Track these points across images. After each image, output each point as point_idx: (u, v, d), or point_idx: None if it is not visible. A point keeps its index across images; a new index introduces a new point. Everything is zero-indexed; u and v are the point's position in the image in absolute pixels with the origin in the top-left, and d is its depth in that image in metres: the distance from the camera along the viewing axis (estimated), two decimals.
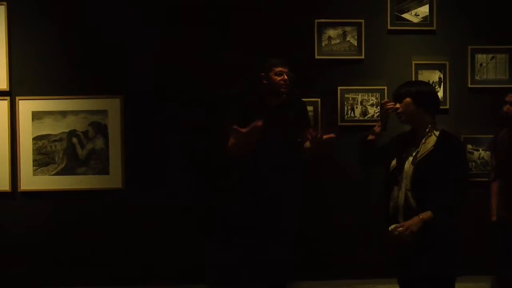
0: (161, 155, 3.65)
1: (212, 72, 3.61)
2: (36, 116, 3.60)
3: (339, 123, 3.73)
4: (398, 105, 2.26)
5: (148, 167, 3.65)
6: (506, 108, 2.91)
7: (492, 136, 3.43)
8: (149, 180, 3.65)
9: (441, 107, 2.65)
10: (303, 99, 3.35)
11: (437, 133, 2.22)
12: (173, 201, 3.62)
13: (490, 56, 3.78)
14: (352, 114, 3.74)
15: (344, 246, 3.73)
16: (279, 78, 3.03)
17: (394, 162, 2.29)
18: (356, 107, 3.74)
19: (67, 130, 3.61)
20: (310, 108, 3.57)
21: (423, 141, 2.21)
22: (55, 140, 3.61)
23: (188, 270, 3.60)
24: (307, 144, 2.94)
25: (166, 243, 3.63)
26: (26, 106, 3.58)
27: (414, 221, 2.11)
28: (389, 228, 2.16)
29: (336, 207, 3.72)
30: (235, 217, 3.20)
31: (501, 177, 2.94)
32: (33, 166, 3.59)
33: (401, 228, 2.11)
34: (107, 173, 3.62)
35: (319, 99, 3.71)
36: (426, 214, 2.11)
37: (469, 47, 3.76)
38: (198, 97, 3.62)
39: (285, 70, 3.06)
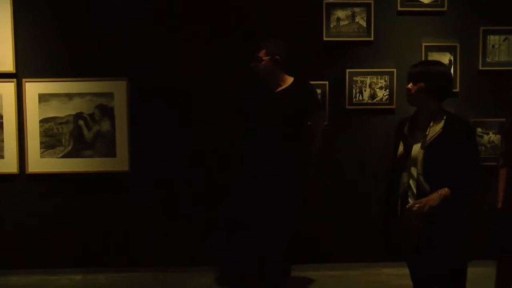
0: (167, 138, 3.64)
1: (213, 66, 3.57)
2: (43, 98, 3.59)
3: (347, 107, 3.69)
4: (411, 85, 2.21)
5: (155, 149, 3.65)
6: None
7: (503, 119, 3.36)
8: (156, 162, 3.65)
9: None
10: (311, 82, 3.30)
11: (444, 116, 2.19)
12: (178, 184, 3.62)
13: (502, 37, 3.70)
14: (360, 97, 3.70)
15: (346, 231, 3.73)
16: (253, 64, 3.02)
17: (401, 148, 2.26)
18: (365, 90, 3.69)
19: (74, 113, 3.60)
20: (318, 91, 3.53)
21: (431, 124, 2.17)
22: (62, 123, 3.61)
23: (195, 254, 3.62)
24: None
25: (171, 226, 3.65)
26: (33, 88, 3.58)
27: (433, 197, 2.09)
28: (407, 206, 2.14)
29: (342, 191, 3.71)
30: (234, 213, 3.21)
31: (509, 165, 2.90)
32: (40, 148, 3.60)
33: (419, 204, 2.09)
34: (114, 155, 3.62)
35: (327, 82, 3.66)
36: (444, 190, 2.10)
37: (481, 28, 3.68)
38: (204, 83, 3.59)
39: (258, 54, 3.01)
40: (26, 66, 3.59)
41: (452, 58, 3.68)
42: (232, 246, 3.21)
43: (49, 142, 3.61)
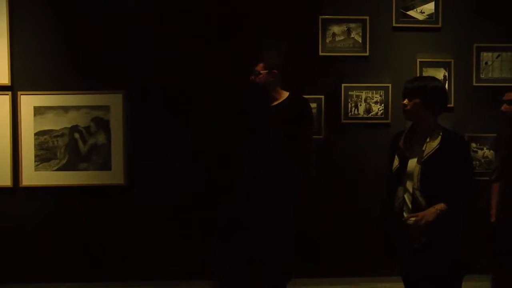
0: (163, 151, 3.64)
1: (213, 70, 3.59)
2: (38, 111, 3.58)
3: (343, 120, 3.71)
4: (406, 101, 2.23)
5: (150, 163, 3.64)
6: (503, 107, 2.88)
7: (495, 134, 3.40)
8: (151, 176, 3.63)
9: None
10: (305, 96, 3.30)
11: (441, 132, 2.21)
12: (175, 198, 3.61)
13: (496, 54, 3.76)
14: (356, 112, 3.72)
15: (344, 245, 3.72)
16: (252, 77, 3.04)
17: (396, 162, 2.27)
18: (360, 105, 3.72)
19: (69, 126, 3.59)
20: (313, 105, 3.55)
21: (428, 140, 2.19)
22: (57, 136, 3.60)
23: (190, 267, 3.59)
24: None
25: (168, 240, 3.62)
26: (28, 101, 3.57)
27: (429, 211, 2.11)
28: (403, 219, 2.15)
29: (336, 205, 3.71)
30: (233, 217, 3.19)
31: (502, 179, 2.93)
32: (35, 161, 3.58)
33: (414, 218, 2.10)
34: (109, 168, 3.61)
35: (323, 96, 3.69)
36: (440, 205, 2.11)
37: (475, 45, 3.74)
38: (199, 94, 3.60)
39: (258, 68, 3.03)
40: (22, 79, 3.59)
41: (446, 74, 3.73)
42: (233, 248, 3.17)
43: (44, 155, 3.59)
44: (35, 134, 3.58)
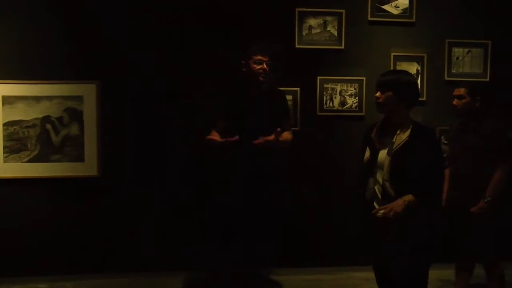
0: (137, 142, 3.60)
1: (189, 62, 3.57)
2: (7, 100, 3.48)
3: (318, 113, 3.74)
4: (379, 94, 2.27)
5: (124, 154, 3.60)
6: (455, 101, 2.99)
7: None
8: (125, 167, 3.59)
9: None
10: (281, 88, 3.32)
11: (411, 125, 2.25)
12: (149, 188, 3.58)
13: (466, 50, 3.85)
14: (331, 104, 3.76)
15: (318, 235, 3.77)
16: (258, 67, 2.99)
17: (367, 153, 2.31)
18: (335, 97, 3.76)
19: (41, 116, 3.51)
20: (289, 97, 3.56)
21: (398, 132, 2.23)
22: (28, 126, 3.51)
23: (166, 257, 3.58)
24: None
25: (141, 230, 3.59)
26: None
27: (397, 203, 2.14)
28: (373, 212, 2.18)
29: (310, 196, 3.75)
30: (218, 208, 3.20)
31: (451, 167, 3.07)
32: (4, 153, 3.48)
33: (384, 210, 2.14)
34: (82, 160, 3.55)
35: (298, 89, 3.71)
36: (408, 197, 2.15)
37: (447, 40, 3.82)
38: (175, 86, 3.57)
39: (265, 59, 3.02)
40: None
41: (419, 68, 3.80)
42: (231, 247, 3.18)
43: (14, 146, 3.50)
44: (4, 124, 3.47)
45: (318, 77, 3.72)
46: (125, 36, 3.55)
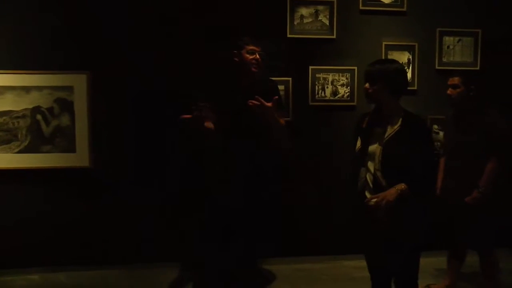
0: (129, 132, 3.58)
1: (181, 49, 3.55)
2: None
3: (310, 103, 3.74)
4: (368, 85, 2.27)
5: (117, 145, 3.58)
6: (449, 91, 3.00)
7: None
8: (117, 158, 3.58)
9: (409, 88, 2.70)
10: (273, 78, 3.31)
11: (402, 114, 2.26)
12: (140, 180, 3.57)
13: (457, 38, 3.87)
14: (323, 94, 3.76)
15: (309, 223, 3.80)
16: (251, 57, 2.97)
17: (359, 143, 2.32)
18: (327, 87, 3.76)
19: (31, 107, 3.47)
20: (281, 87, 3.56)
21: (390, 121, 2.24)
22: (18, 117, 3.47)
23: (157, 249, 3.59)
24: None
25: (133, 222, 3.59)
26: None
27: (389, 192, 2.15)
28: (365, 200, 2.20)
29: (302, 185, 3.76)
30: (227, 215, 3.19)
31: (445, 156, 3.09)
32: None
33: (376, 199, 2.15)
34: (74, 151, 3.52)
35: (290, 79, 3.70)
36: (401, 186, 2.17)
37: (438, 29, 3.83)
38: (167, 75, 3.55)
39: (257, 49, 3.00)
40: None
41: (410, 57, 3.81)
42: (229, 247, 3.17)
43: (4, 137, 3.47)
44: None
45: (310, 67, 3.72)
46: (124, 35, 3.51)
